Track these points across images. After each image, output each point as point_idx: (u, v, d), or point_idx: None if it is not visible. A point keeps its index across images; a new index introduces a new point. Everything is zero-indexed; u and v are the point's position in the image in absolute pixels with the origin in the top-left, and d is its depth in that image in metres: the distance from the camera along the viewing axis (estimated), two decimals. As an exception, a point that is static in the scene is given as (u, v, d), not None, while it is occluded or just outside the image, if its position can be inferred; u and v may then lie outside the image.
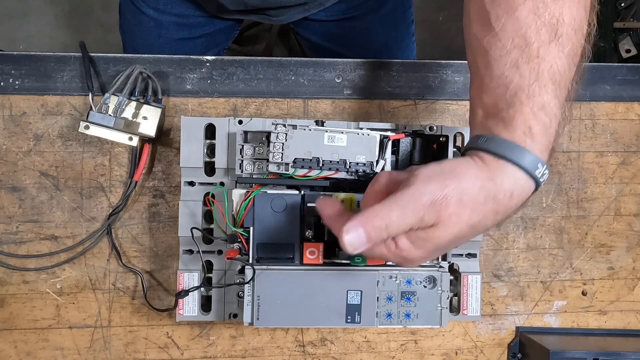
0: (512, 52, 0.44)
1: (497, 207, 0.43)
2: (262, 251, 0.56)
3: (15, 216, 0.66)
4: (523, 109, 0.43)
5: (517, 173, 0.43)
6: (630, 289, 0.72)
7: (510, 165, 0.43)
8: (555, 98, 0.44)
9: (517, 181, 0.43)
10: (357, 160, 0.57)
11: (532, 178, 0.43)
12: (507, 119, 0.43)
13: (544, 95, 0.43)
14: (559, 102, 0.44)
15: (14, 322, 0.66)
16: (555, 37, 0.45)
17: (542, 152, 0.44)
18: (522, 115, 0.43)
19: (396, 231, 0.42)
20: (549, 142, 0.44)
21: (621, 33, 1.66)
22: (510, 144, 0.43)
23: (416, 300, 0.57)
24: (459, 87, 0.70)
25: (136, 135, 0.62)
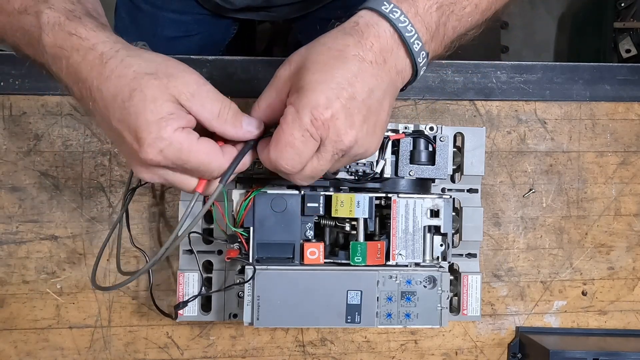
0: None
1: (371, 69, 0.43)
2: (262, 251, 0.56)
3: (15, 216, 0.66)
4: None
5: (372, 16, 0.44)
6: (630, 289, 0.72)
7: (364, 11, 0.44)
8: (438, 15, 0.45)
9: (372, 24, 0.44)
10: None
11: (381, 16, 0.43)
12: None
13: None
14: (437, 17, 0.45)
15: (14, 322, 0.66)
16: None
17: (399, 2, 0.44)
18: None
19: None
20: (411, 1, 0.44)
21: (621, 33, 1.66)
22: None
23: (416, 300, 0.57)
24: (459, 87, 0.70)
25: None
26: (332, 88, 0.42)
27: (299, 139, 0.42)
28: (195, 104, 0.43)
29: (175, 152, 0.42)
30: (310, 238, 0.57)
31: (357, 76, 0.43)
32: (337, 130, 0.42)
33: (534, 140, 0.71)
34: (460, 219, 0.64)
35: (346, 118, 0.42)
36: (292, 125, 0.42)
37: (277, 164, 0.44)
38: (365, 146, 0.45)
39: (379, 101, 0.44)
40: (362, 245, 0.56)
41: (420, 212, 0.58)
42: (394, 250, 0.57)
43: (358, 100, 0.43)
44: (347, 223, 0.58)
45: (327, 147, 0.43)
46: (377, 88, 0.44)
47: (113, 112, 0.42)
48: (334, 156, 0.44)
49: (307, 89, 0.42)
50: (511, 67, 0.71)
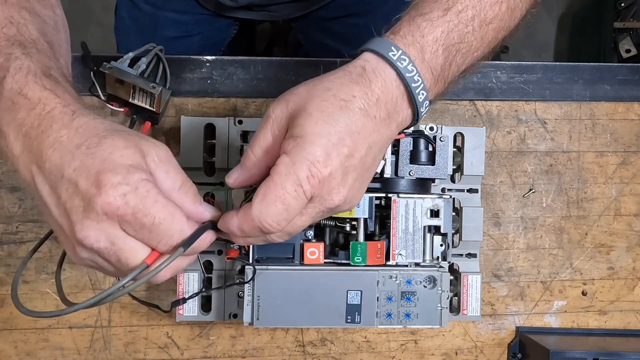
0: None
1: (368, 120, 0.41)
2: (262, 251, 0.56)
3: (15, 216, 0.66)
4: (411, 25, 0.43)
5: (379, 62, 0.42)
6: (630, 289, 0.72)
7: (371, 55, 0.42)
8: (444, 54, 0.43)
9: (379, 71, 0.41)
10: (357, 160, 0.57)
11: (388, 63, 0.41)
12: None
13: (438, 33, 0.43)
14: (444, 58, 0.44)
15: (14, 322, 0.66)
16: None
17: (406, 46, 0.42)
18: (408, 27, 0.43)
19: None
20: (419, 45, 0.42)
21: (621, 33, 1.66)
22: (378, 40, 0.42)
23: (416, 300, 0.57)
24: (459, 87, 0.70)
25: (159, 85, 0.59)
26: (333, 143, 0.40)
27: (291, 193, 0.39)
28: (161, 169, 0.41)
29: (138, 201, 0.38)
30: (310, 238, 0.57)
31: (360, 132, 0.41)
32: (330, 190, 0.40)
33: (534, 140, 0.71)
34: (460, 219, 0.64)
35: (342, 177, 0.40)
36: (285, 178, 0.39)
37: (261, 220, 0.40)
38: (351, 203, 0.43)
39: (375, 157, 0.43)
40: (362, 245, 0.56)
41: (420, 212, 0.58)
42: (394, 250, 0.57)
43: (355, 158, 0.41)
44: (347, 223, 0.58)
45: (315, 204, 0.41)
46: (375, 144, 0.42)
47: (71, 161, 0.38)
48: (319, 214, 0.42)
49: (306, 140, 0.39)
50: (511, 67, 0.71)
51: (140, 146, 0.40)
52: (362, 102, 0.41)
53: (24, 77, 0.41)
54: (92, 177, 0.38)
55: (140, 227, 0.39)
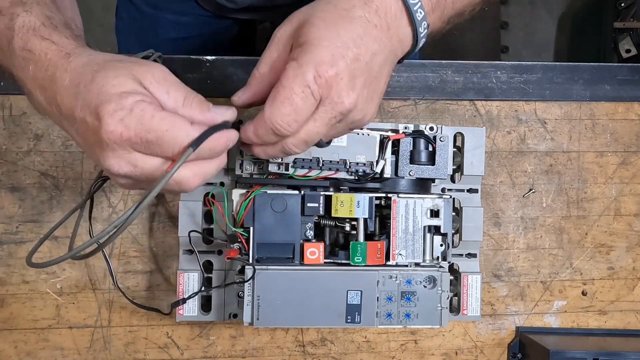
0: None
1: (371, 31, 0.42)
2: (262, 251, 0.57)
3: (15, 216, 0.66)
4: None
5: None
6: (630, 289, 0.72)
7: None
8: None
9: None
10: (357, 160, 0.57)
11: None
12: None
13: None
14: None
15: (14, 322, 0.66)
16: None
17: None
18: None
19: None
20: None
21: (621, 33, 1.67)
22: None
23: (416, 300, 0.57)
24: (459, 87, 0.70)
25: None
26: (337, 46, 0.41)
27: (299, 94, 0.40)
28: (160, 89, 0.42)
29: (137, 120, 0.39)
30: (310, 238, 0.57)
31: (362, 38, 0.41)
32: (339, 91, 0.41)
33: (534, 140, 0.71)
34: (460, 219, 0.64)
35: (349, 80, 0.41)
36: (293, 80, 0.40)
37: (272, 121, 0.41)
38: (364, 111, 0.44)
39: (380, 67, 0.43)
40: (362, 245, 0.56)
41: (420, 212, 0.58)
42: (394, 250, 0.57)
43: (361, 63, 0.42)
44: (347, 223, 0.58)
45: (326, 107, 0.42)
46: (379, 53, 0.43)
47: (76, 102, 0.41)
48: (332, 119, 0.43)
49: (311, 44, 0.41)
50: (511, 67, 0.71)
51: (134, 72, 0.41)
52: (362, 11, 0.42)
53: (27, 32, 0.43)
54: (93, 111, 0.40)
55: (148, 144, 0.40)
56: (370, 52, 0.42)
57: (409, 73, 0.70)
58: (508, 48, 1.94)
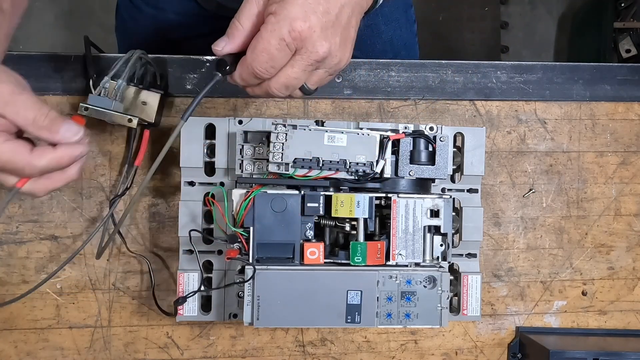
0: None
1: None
2: (262, 251, 0.57)
3: (15, 216, 0.66)
4: None
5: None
6: (630, 289, 0.72)
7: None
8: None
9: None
10: (357, 160, 0.57)
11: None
12: None
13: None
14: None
15: (14, 322, 0.66)
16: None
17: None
18: None
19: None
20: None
21: (621, 33, 1.67)
22: None
23: (416, 300, 0.57)
24: (459, 87, 0.70)
25: (135, 117, 0.60)
26: (309, 3, 0.46)
27: (274, 46, 0.46)
28: (10, 111, 0.47)
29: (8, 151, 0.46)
30: (310, 238, 0.57)
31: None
32: (313, 42, 0.46)
33: (534, 140, 0.71)
34: (460, 219, 0.64)
35: (321, 31, 0.46)
36: (270, 34, 0.46)
37: (252, 66, 0.47)
38: (339, 56, 0.49)
39: (349, 17, 0.49)
40: (362, 245, 0.56)
41: (420, 212, 0.58)
42: (394, 250, 0.57)
43: (331, 15, 0.47)
44: (347, 223, 0.58)
45: (302, 56, 0.47)
46: (346, 5, 0.48)
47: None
48: (308, 67, 0.48)
49: (287, 1, 0.46)
50: (511, 67, 0.71)
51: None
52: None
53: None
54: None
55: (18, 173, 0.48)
56: (338, 5, 0.47)
57: (409, 73, 0.70)
58: (508, 48, 1.94)
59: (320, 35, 0.47)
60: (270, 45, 0.46)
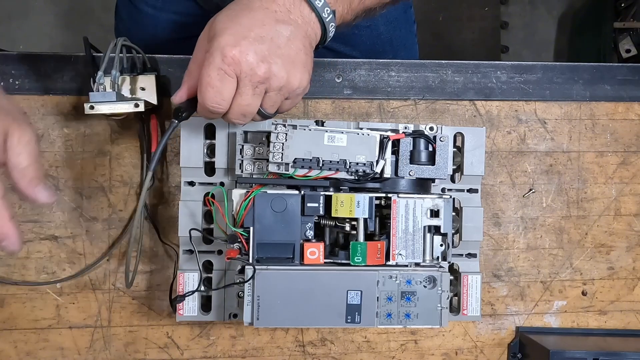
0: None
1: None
2: (262, 251, 0.57)
3: (15, 216, 0.66)
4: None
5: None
6: (630, 289, 0.72)
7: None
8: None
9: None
10: (357, 160, 0.57)
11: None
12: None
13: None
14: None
15: (14, 322, 0.66)
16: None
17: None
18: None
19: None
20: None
21: (621, 33, 1.67)
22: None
23: (416, 300, 0.57)
24: (459, 87, 0.70)
25: (141, 100, 0.60)
26: (239, 31, 0.47)
27: (215, 77, 0.47)
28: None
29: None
30: (310, 238, 0.57)
31: (264, 22, 0.48)
32: (249, 64, 0.47)
33: (534, 140, 0.71)
34: (460, 219, 0.64)
35: (256, 53, 0.47)
36: (207, 67, 0.47)
37: (204, 106, 0.49)
38: (285, 77, 0.49)
39: (288, 40, 0.48)
40: (362, 245, 0.56)
41: (420, 212, 0.58)
42: (394, 250, 0.57)
43: (266, 39, 0.47)
44: (347, 223, 0.58)
45: (244, 81, 0.48)
46: (284, 30, 0.48)
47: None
48: (256, 90, 0.48)
49: (217, 35, 0.47)
50: (511, 67, 0.71)
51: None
52: (260, 2, 0.49)
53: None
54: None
55: None
56: (273, 30, 0.48)
57: (409, 73, 0.70)
58: (508, 48, 1.94)
59: (256, 58, 0.47)
60: (211, 79, 0.47)
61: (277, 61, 0.48)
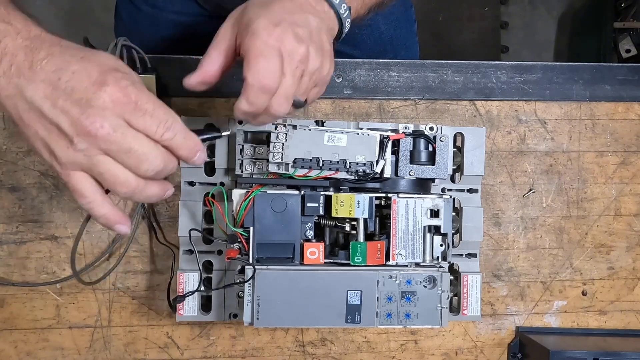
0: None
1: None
2: (262, 251, 0.57)
3: (15, 216, 0.66)
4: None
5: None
6: (630, 289, 0.72)
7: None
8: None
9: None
10: (357, 160, 0.57)
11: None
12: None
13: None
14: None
15: (14, 322, 0.66)
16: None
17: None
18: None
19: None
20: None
21: (621, 33, 1.67)
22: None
23: (416, 300, 0.57)
24: (459, 87, 0.70)
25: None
26: (274, 16, 0.48)
27: (264, 49, 0.47)
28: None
29: (138, 92, 0.43)
30: (310, 238, 0.57)
31: (293, 11, 0.49)
32: (291, 42, 0.48)
33: (534, 140, 0.71)
34: (460, 219, 0.64)
35: (294, 35, 0.48)
36: (253, 43, 0.47)
37: (257, 80, 0.47)
38: (319, 62, 0.50)
39: (318, 28, 0.50)
40: (362, 245, 0.56)
41: (420, 212, 0.58)
42: (394, 250, 0.57)
43: (300, 24, 0.49)
44: (347, 223, 0.58)
45: (287, 60, 0.48)
46: (312, 20, 0.50)
47: (68, 66, 0.43)
48: (296, 70, 0.49)
49: (254, 19, 0.48)
50: (511, 67, 0.71)
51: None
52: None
53: (5, 8, 0.45)
54: (94, 76, 0.43)
55: (142, 112, 0.44)
56: (303, 18, 0.49)
57: (409, 73, 0.70)
58: (508, 48, 1.94)
59: (295, 38, 0.48)
60: (260, 50, 0.47)
61: (313, 45, 0.49)
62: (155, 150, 0.45)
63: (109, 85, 0.42)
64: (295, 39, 0.48)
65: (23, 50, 0.44)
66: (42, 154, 0.45)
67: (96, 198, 0.47)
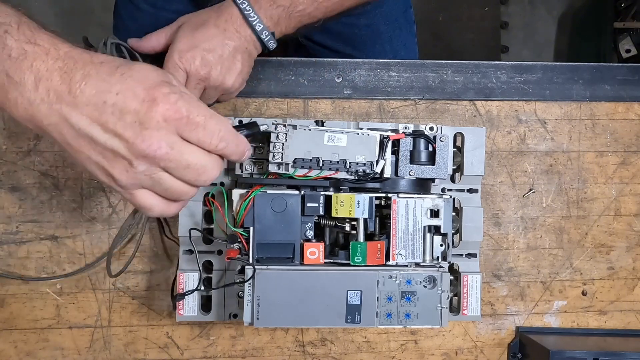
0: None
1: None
2: (262, 251, 0.56)
3: (15, 216, 0.66)
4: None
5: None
6: (630, 289, 0.72)
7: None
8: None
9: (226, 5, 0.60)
10: (357, 160, 0.57)
11: (235, 5, 0.59)
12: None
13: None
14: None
15: (14, 322, 0.66)
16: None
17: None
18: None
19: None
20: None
21: (621, 33, 1.67)
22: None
23: (416, 300, 0.57)
24: (459, 87, 0.70)
25: None
26: (192, 42, 0.58)
27: (172, 68, 0.58)
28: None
29: (188, 105, 0.44)
30: (310, 238, 0.57)
31: (213, 37, 0.59)
32: (194, 66, 0.58)
33: (534, 140, 0.71)
34: (460, 219, 0.64)
35: (201, 59, 0.58)
36: (169, 60, 0.58)
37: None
38: (222, 78, 0.59)
39: (231, 53, 0.59)
40: (362, 245, 0.56)
41: (420, 212, 0.58)
42: (394, 250, 0.57)
43: (211, 50, 0.58)
44: (347, 223, 0.58)
45: (190, 77, 0.58)
46: (227, 45, 0.59)
47: (110, 87, 0.42)
48: (197, 86, 0.59)
49: (177, 40, 0.59)
50: (511, 67, 0.71)
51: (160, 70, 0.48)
52: (215, 20, 0.59)
53: (28, 29, 0.44)
54: (142, 95, 0.42)
55: (195, 126, 0.44)
56: (220, 44, 0.59)
57: (409, 73, 0.70)
58: (508, 48, 1.94)
59: (201, 62, 0.58)
60: (168, 68, 0.58)
61: (218, 67, 0.59)
62: (211, 162, 0.46)
63: (159, 103, 0.42)
64: (201, 63, 0.58)
65: (57, 73, 0.42)
66: (99, 177, 0.45)
67: (163, 207, 0.48)
